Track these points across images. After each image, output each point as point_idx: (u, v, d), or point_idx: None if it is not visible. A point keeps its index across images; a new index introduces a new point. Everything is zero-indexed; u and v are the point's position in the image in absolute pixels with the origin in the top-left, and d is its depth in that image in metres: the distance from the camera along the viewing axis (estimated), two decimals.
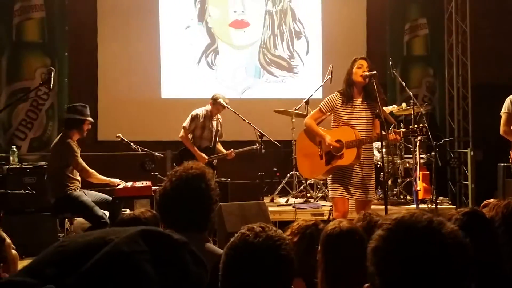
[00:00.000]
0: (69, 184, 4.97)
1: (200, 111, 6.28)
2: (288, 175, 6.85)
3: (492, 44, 7.94)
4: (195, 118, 6.22)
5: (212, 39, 7.95)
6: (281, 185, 6.93)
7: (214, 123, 6.36)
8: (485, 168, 6.91)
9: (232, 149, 6.51)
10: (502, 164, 6.25)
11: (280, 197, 6.89)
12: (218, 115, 6.40)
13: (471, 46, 8.02)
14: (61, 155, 5.03)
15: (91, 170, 5.08)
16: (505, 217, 2.24)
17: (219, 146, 6.52)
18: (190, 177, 2.16)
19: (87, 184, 5.34)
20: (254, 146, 6.40)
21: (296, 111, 6.66)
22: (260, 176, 6.96)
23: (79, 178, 5.11)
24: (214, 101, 6.29)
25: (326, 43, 8.07)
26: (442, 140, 7.36)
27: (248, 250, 1.56)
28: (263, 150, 6.37)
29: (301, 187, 6.62)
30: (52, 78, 4.83)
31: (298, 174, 6.31)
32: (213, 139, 6.38)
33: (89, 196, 5.04)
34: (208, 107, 6.32)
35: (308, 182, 6.57)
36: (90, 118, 5.20)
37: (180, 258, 0.90)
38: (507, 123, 5.14)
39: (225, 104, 6.29)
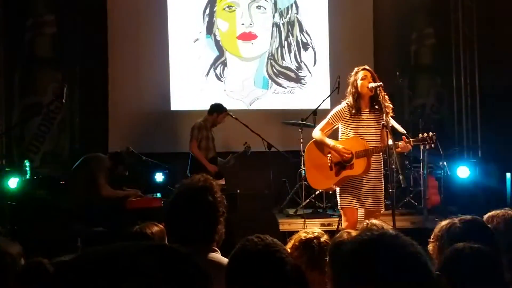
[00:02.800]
0: None
1: (202, 122, 6.37)
2: (297, 185, 6.88)
3: (500, 52, 7.94)
4: (201, 128, 6.30)
5: (220, 52, 8.04)
6: (290, 195, 6.96)
7: (212, 132, 6.48)
8: (495, 178, 6.89)
9: (230, 156, 6.62)
10: (510, 173, 6.23)
11: (289, 207, 6.92)
12: None
13: (478, 55, 8.03)
14: None
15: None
16: (506, 226, 2.27)
17: None
18: (197, 190, 2.21)
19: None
20: (244, 146, 6.56)
21: (304, 122, 6.70)
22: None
23: None
24: (220, 109, 6.40)
25: (333, 54, 8.13)
26: (451, 150, 7.36)
27: (249, 258, 1.66)
28: (250, 150, 6.54)
29: (310, 198, 6.64)
30: (64, 93, 4.93)
31: (306, 184, 6.35)
32: (214, 148, 6.49)
33: None
34: (207, 117, 6.41)
35: (317, 192, 6.59)
36: None
37: (185, 270, 0.96)
38: None
39: (230, 114, 6.48)
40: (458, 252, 1.79)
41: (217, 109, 6.45)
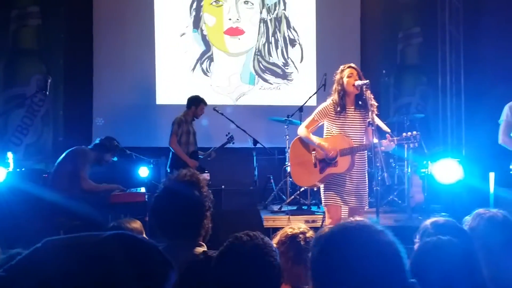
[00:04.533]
0: None
1: (182, 116, 6.37)
2: (282, 182, 6.89)
3: (485, 52, 8.01)
4: (181, 123, 6.29)
5: (207, 46, 8.00)
6: (275, 191, 6.97)
7: (193, 126, 6.47)
8: (478, 177, 6.95)
9: (211, 149, 6.61)
10: (494, 172, 6.29)
11: (273, 204, 6.92)
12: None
13: (464, 55, 8.09)
14: None
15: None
16: (489, 226, 2.29)
17: None
18: (184, 185, 2.20)
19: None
20: (227, 137, 6.57)
21: (290, 119, 6.71)
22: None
23: None
24: (197, 102, 6.41)
25: (320, 51, 8.14)
26: (435, 148, 7.41)
27: (236, 257, 1.63)
28: (233, 141, 6.55)
29: (295, 195, 6.65)
30: (48, 85, 4.88)
31: (291, 180, 6.35)
32: (195, 142, 6.47)
33: None
34: (187, 111, 6.40)
35: (302, 189, 6.60)
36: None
37: (149, 259, 0.99)
38: (506, 131, 4.97)
39: (216, 109, 6.50)
40: (427, 245, 1.79)
41: (193, 102, 6.46)
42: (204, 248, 2.20)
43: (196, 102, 6.46)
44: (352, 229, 1.20)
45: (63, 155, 5.41)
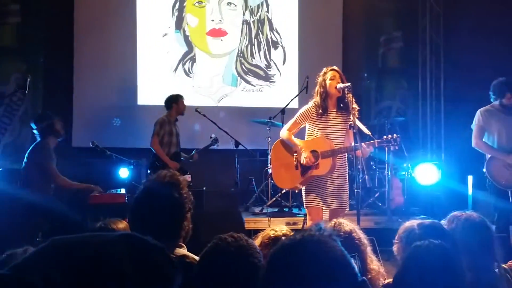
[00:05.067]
0: None
1: (165, 117, 6.33)
2: (263, 184, 6.89)
3: (464, 58, 8.12)
4: (164, 124, 6.25)
5: (189, 47, 7.97)
6: (256, 193, 6.97)
7: (176, 127, 6.43)
8: (457, 180, 7.05)
9: (194, 151, 6.59)
10: (472, 175, 6.38)
11: (255, 206, 6.92)
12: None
13: (444, 60, 8.19)
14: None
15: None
16: (466, 228, 2.32)
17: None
18: (163, 186, 2.18)
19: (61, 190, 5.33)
20: (211, 139, 6.56)
21: (272, 121, 6.71)
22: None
23: None
24: (175, 99, 6.39)
25: (303, 54, 8.17)
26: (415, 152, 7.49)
27: (221, 258, 1.63)
28: (218, 143, 6.54)
29: (276, 197, 6.65)
30: (27, 84, 4.81)
31: (273, 182, 6.36)
32: (178, 143, 6.44)
33: None
34: (169, 112, 6.37)
35: (283, 191, 6.61)
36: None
37: (155, 260, 0.99)
38: (479, 135, 5.23)
39: (198, 111, 6.47)
40: (419, 249, 1.81)
41: (172, 100, 6.42)
42: (185, 249, 2.18)
43: (174, 100, 6.42)
44: (291, 245, 1.22)
45: (25, 158, 5.34)
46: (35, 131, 5.30)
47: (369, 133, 4.47)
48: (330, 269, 1.16)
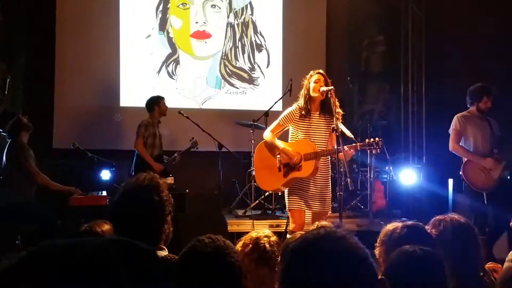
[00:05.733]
0: None
1: (149, 119, 6.30)
2: (247, 186, 6.89)
3: (445, 62, 8.22)
4: (148, 126, 6.22)
5: (173, 49, 7.94)
6: (239, 196, 6.96)
7: (159, 129, 6.41)
8: (438, 183, 7.12)
9: (176, 153, 6.56)
10: (452, 179, 6.46)
11: (238, 208, 6.91)
12: None
13: (426, 64, 8.28)
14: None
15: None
16: (453, 231, 2.33)
17: None
18: (143, 189, 2.16)
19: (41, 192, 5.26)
20: (191, 142, 6.55)
21: (255, 123, 6.72)
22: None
23: None
24: (156, 100, 6.36)
25: (287, 57, 8.19)
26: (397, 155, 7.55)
27: (198, 258, 1.66)
28: (197, 145, 6.53)
29: (259, 199, 6.65)
30: (7, 85, 4.75)
31: (256, 185, 6.35)
32: (161, 145, 6.41)
33: None
34: (152, 113, 6.34)
35: (266, 193, 6.62)
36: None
37: (147, 264, 1.00)
38: (456, 139, 5.36)
39: (182, 113, 6.46)
40: (406, 254, 1.80)
41: (153, 102, 6.39)
42: (166, 252, 2.17)
43: (156, 101, 6.38)
44: (315, 240, 1.20)
45: (4, 159, 5.28)
46: (4, 134, 5.25)
47: (352, 136, 4.50)
48: (353, 266, 1.15)
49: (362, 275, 1.15)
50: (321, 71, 4.38)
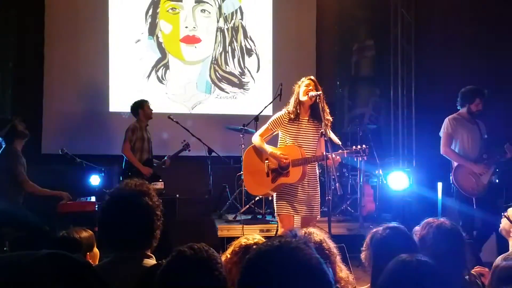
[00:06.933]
0: None
1: (136, 123, 6.28)
2: (237, 191, 6.87)
3: (435, 67, 8.27)
4: (135, 130, 6.19)
5: (162, 54, 7.92)
6: (230, 200, 6.94)
7: (148, 133, 6.38)
8: (427, 186, 7.15)
9: (166, 157, 6.54)
10: (441, 182, 6.48)
11: (228, 213, 6.89)
12: None
13: (415, 68, 8.33)
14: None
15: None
16: (437, 235, 2.34)
17: None
18: (132, 194, 2.13)
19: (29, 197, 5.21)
20: (182, 144, 6.53)
21: (245, 128, 6.71)
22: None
23: None
24: (140, 104, 6.34)
25: (277, 61, 8.20)
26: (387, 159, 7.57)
27: (179, 272, 1.62)
28: (189, 148, 6.51)
29: (249, 204, 6.64)
30: None
31: (246, 190, 6.34)
32: (151, 150, 6.38)
33: None
34: (138, 117, 6.32)
35: (257, 198, 6.61)
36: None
37: (83, 278, 0.99)
38: (448, 143, 5.36)
39: (171, 117, 6.44)
40: (403, 263, 1.77)
41: (138, 106, 6.36)
42: (153, 260, 2.14)
43: (140, 105, 6.36)
44: (267, 251, 1.21)
45: None
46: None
47: (339, 143, 4.50)
48: (306, 277, 1.15)
49: (314, 285, 1.15)
50: (312, 77, 4.40)
